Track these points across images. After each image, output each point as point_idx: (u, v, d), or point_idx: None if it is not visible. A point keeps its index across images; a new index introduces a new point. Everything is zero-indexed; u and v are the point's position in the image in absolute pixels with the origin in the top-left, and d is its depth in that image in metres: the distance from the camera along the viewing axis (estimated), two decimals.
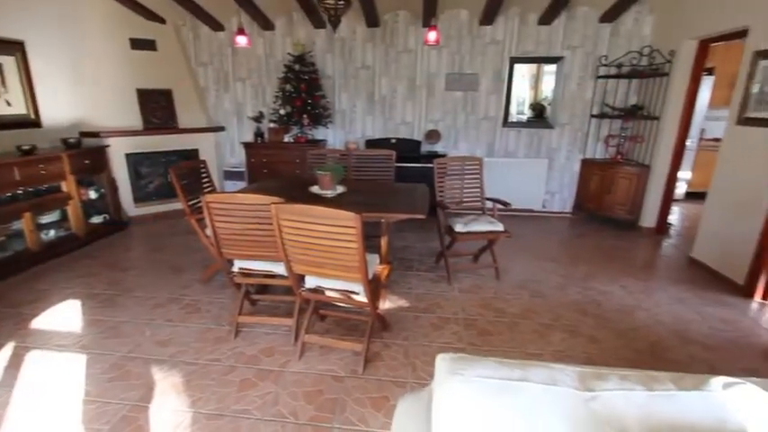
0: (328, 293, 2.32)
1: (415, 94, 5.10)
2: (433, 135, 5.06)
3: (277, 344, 2.47)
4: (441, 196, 3.50)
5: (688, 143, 4.46)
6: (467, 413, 0.86)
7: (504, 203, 3.36)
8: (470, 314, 2.83)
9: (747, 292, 3.07)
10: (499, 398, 0.87)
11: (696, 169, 5.91)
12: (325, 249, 2.00)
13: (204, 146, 5.18)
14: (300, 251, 2.07)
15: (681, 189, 5.87)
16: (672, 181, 4.43)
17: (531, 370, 0.93)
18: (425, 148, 5.12)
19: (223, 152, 5.59)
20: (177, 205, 4.37)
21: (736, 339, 2.58)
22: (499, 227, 3.25)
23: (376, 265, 2.41)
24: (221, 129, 5.45)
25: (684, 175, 5.76)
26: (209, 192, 3.41)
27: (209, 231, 2.49)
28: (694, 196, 5.74)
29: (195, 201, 3.11)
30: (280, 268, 2.40)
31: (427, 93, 5.07)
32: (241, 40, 3.79)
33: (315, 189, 3.07)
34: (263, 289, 3.00)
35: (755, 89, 3.13)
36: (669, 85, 4.20)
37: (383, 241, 2.76)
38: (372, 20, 4.73)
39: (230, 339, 2.51)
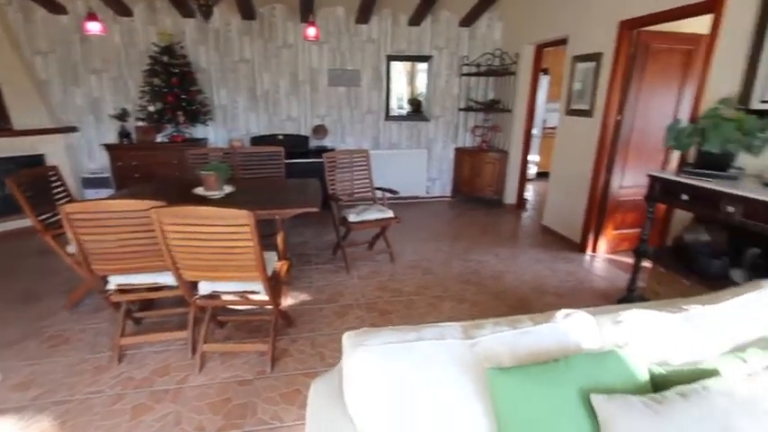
0: (226, 297, 2.24)
1: (299, 90, 5.07)
2: (320, 130, 5.12)
3: (172, 360, 2.30)
4: (333, 189, 3.59)
5: (534, 131, 5.35)
6: (373, 376, 0.98)
7: (393, 191, 3.62)
8: (370, 298, 3.00)
9: (582, 248, 3.86)
10: (399, 357, 1.01)
11: (542, 153, 7.07)
12: (219, 251, 1.94)
13: (52, 150, 4.38)
14: (191, 257, 1.97)
15: (532, 170, 6.97)
16: (524, 164, 5.27)
17: (424, 330, 1.10)
18: (314, 143, 5.15)
19: (79, 157, 4.78)
20: (25, 222, 3.65)
21: (577, 286, 3.25)
22: (390, 214, 3.49)
23: (275, 263, 2.40)
24: (73, 129, 4.65)
25: (534, 158, 6.85)
26: (67, 202, 2.94)
27: (72, 248, 2.18)
28: (542, 176, 6.87)
29: (49, 215, 2.66)
30: (166, 278, 2.23)
31: (311, 88, 5.09)
32: (93, 27, 3.31)
33: (200, 191, 2.89)
34: (148, 305, 2.74)
35: (576, 86, 3.91)
36: (516, 82, 4.96)
37: (279, 238, 2.75)
38: (248, 12, 4.55)
39: (113, 366, 2.25)
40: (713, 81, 2.57)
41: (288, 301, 2.92)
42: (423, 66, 5.82)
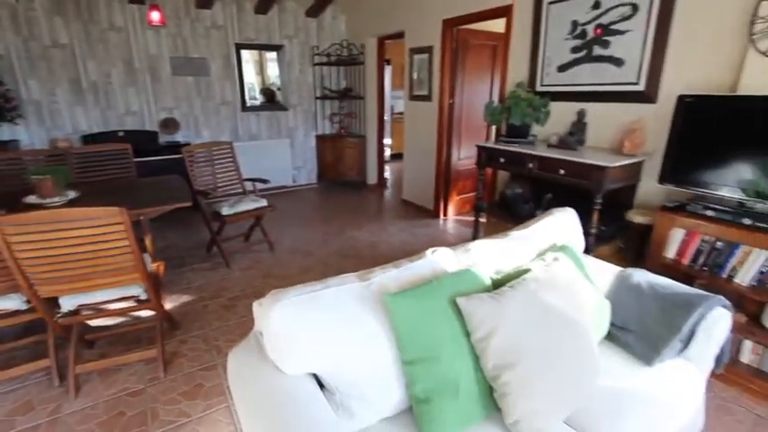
0: (96, 310, 2.05)
1: (137, 80, 4.53)
2: (170, 124, 4.69)
3: (34, 394, 2.01)
4: (199, 185, 3.43)
5: (386, 117, 5.90)
6: (293, 324, 1.15)
7: (264, 181, 3.65)
8: (258, 287, 3.05)
9: (436, 214, 4.54)
10: (311, 303, 1.20)
11: (394, 136, 7.81)
12: (88, 257, 1.78)
13: None
14: (49, 269, 1.75)
15: (388, 153, 7.65)
16: (381, 146, 5.80)
17: (328, 281, 1.31)
18: (164, 138, 4.70)
19: None
20: None
21: (434, 243, 3.76)
22: (264, 203, 3.52)
23: (149, 264, 2.27)
24: None
25: (388, 141, 7.53)
26: None
27: None
28: (397, 157, 7.61)
29: None
30: (7, 303, 1.93)
31: (152, 78, 4.60)
32: None
33: (33, 199, 2.46)
34: None
35: (415, 75, 4.51)
36: (365, 71, 5.39)
37: (147, 240, 2.57)
38: None
39: None
40: (512, 70, 3.35)
41: (167, 305, 2.76)
42: (275, 55, 5.81)
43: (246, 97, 5.72)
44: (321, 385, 1.22)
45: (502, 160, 2.92)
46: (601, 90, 2.68)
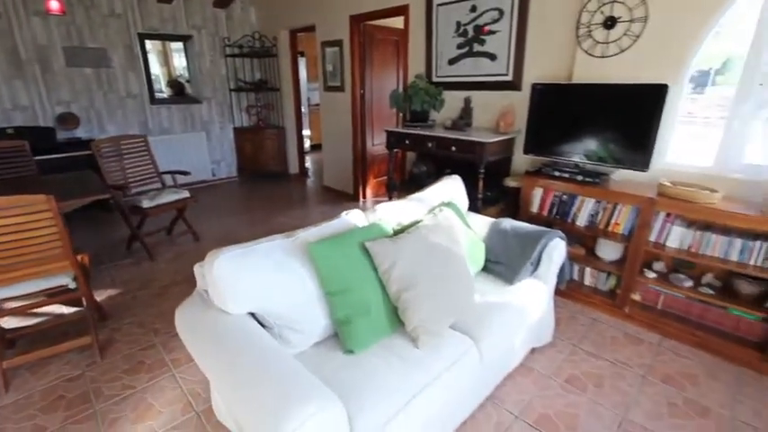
0: (15, 303, 2.06)
1: (25, 72, 4.18)
2: (68, 119, 4.41)
3: None
4: (113, 180, 3.38)
5: (304, 109, 6.09)
6: (234, 272, 1.41)
7: (184, 173, 3.69)
8: (188, 274, 3.13)
9: (356, 198, 4.91)
10: (246, 256, 1.47)
11: (312, 127, 7.99)
12: (9, 247, 1.82)
13: None
14: None
15: (307, 144, 7.82)
16: (300, 137, 5.99)
17: (258, 240, 1.59)
18: (63, 135, 4.41)
19: None
20: None
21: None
22: (186, 194, 3.58)
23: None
24: None
25: (307, 132, 7.69)
26: None
27: None
28: (316, 148, 7.82)
29: None
30: None
31: (42, 69, 4.27)
32: None
33: None
34: None
35: (329, 67, 4.78)
36: (279, 63, 5.53)
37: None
38: None
39: None
40: (412, 62, 3.80)
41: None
42: (181, 45, 5.65)
43: (159, 89, 5.51)
44: (259, 324, 1.50)
45: (407, 142, 3.35)
46: (481, 80, 3.23)
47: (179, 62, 6.84)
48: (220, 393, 1.58)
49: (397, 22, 4.30)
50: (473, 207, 2.63)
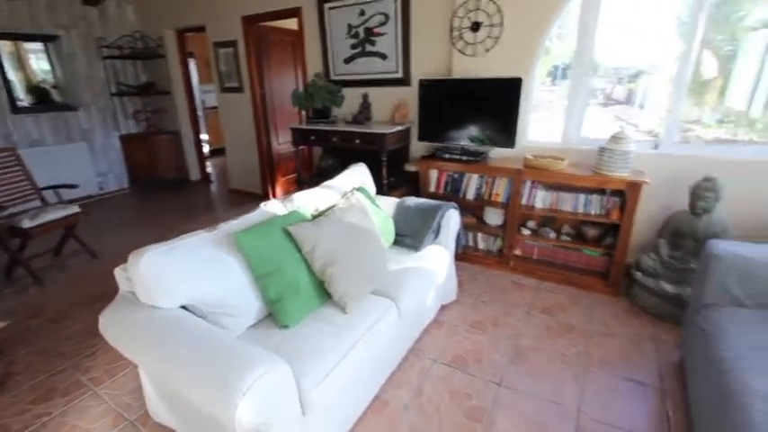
0: None
1: None
2: None
3: None
4: None
5: (199, 113, 5.83)
6: (158, 268, 1.46)
7: (71, 186, 3.37)
8: (90, 295, 2.91)
9: (265, 197, 4.92)
10: (172, 252, 1.53)
11: (210, 132, 7.63)
12: None
13: None
14: None
15: (206, 148, 7.46)
16: (198, 142, 5.74)
17: (181, 237, 1.65)
18: None
19: None
20: None
21: None
22: (75, 209, 3.29)
23: None
24: None
25: (204, 137, 7.33)
26: None
27: None
28: (217, 152, 7.50)
29: None
30: None
31: None
32: None
33: None
34: None
35: (224, 68, 4.70)
36: (168, 65, 5.23)
37: None
38: None
39: None
40: (310, 62, 3.96)
41: None
42: (40, 46, 5.00)
43: (21, 96, 4.80)
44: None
45: (312, 138, 3.52)
46: (376, 78, 3.54)
47: (37, 65, 6.01)
48: (163, 386, 1.62)
49: (291, 24, 4.42)
50: (380, 191, 2.91)
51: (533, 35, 2.70)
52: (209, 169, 6.41)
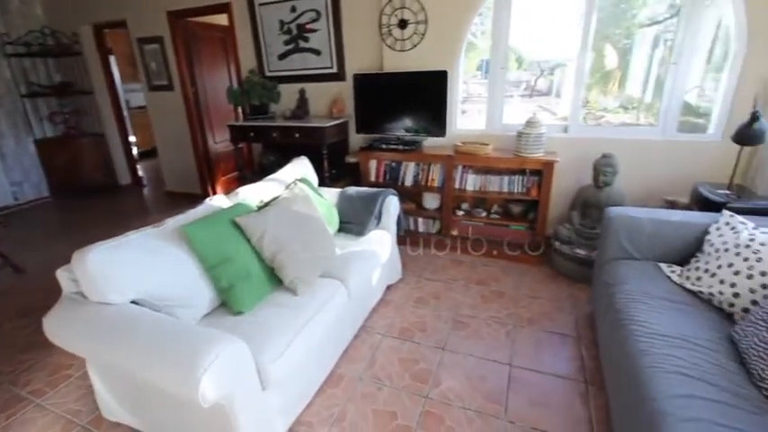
0: None
1: None
2: None
3: None
4: None
5: (125, 113, 5.50)
6: (106, 265, 1.48)
7: None
8: (19, 306, 2.73)
9: (206, 196, 4.79)
10: (119, 248, 1.55)
11: (138, 133, 7.18)
12: None
13: None
14: None
15: (135, 151, 7.02)
16: (127, 144, 5.43)
17: (127, 234, 1.67)
18: None
19: None
20: None
21: None
22: None
23: None
24: None
25: (132, 139, 6.89)
26: None
27: None
28: (147, 155, 7.09)
29: None
30: None
31: None
32: None
33: None
34: None
35: (151, 66, 4.49)
36: (87, 63, 4.88)
37: None
38: None
39: None
40: (243, 58, 3.93)
41: None
42: None
43: None
44: None
45: (252, 135, 3.53)
46: (312, 73, 3.62)
47: None
48: (118, 382, 1.63)
49: (221, 19, 4.33)
50: (323, 183, 3.02)
51: (455, 31, 2.94)
52: (141, 172, 6.08)
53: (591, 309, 2.40)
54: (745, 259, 1.57)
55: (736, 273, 1.57)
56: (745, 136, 2.06)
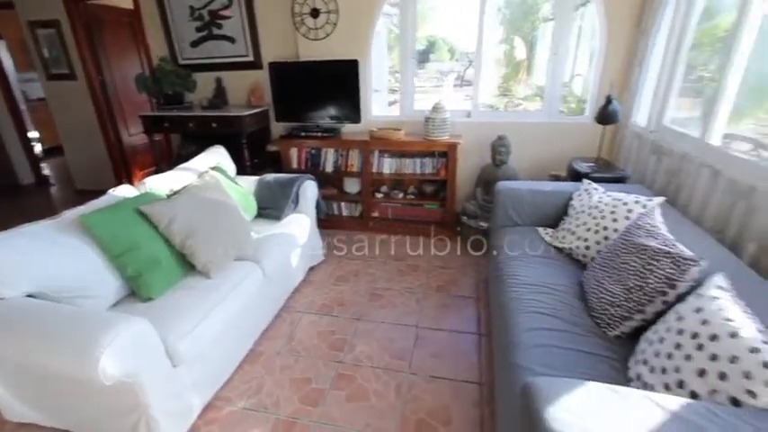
0: None
1: None
2: None
3: None
4: None
5: (23, 106, 5.00)
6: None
7: None
8: None
9: None
10: (9, 240, 1.52)
11: (42, 128, 6.52)
12: None
13: None
14: None
15: (39, 148, 6.38)
16: (26, 139, 4.96)
17: (20, 228, 1.62)
18: None
19: None
20: None
21: None
22: None
23: None
24: None
25: (35, 135, 6.26)
26: None
27: None
28: (52, 151, 6.47)
29: None
30: None
31: None
32: None
33: None
34: None
35: (46, 53, 4.14)
36: None
37: None
38: None
39: None
40: (153, 45, 3.77)
41: None
42: None
43: None
44: None
45: (166, 125, 3.43)
46: (227, 62, 3.57)
47: None
48: (17, 379, 1.59)
49: (126, 3, 4.09)
50: (244, 173, 3.04)
51: (365, 21, 3.07)
52: (48, 171, 5.58)
53: (488, 273, 2.70)
54: (593, 218, 1.90)
55: (588, 229, 1.90)
56: (603, 116, 2.44)
